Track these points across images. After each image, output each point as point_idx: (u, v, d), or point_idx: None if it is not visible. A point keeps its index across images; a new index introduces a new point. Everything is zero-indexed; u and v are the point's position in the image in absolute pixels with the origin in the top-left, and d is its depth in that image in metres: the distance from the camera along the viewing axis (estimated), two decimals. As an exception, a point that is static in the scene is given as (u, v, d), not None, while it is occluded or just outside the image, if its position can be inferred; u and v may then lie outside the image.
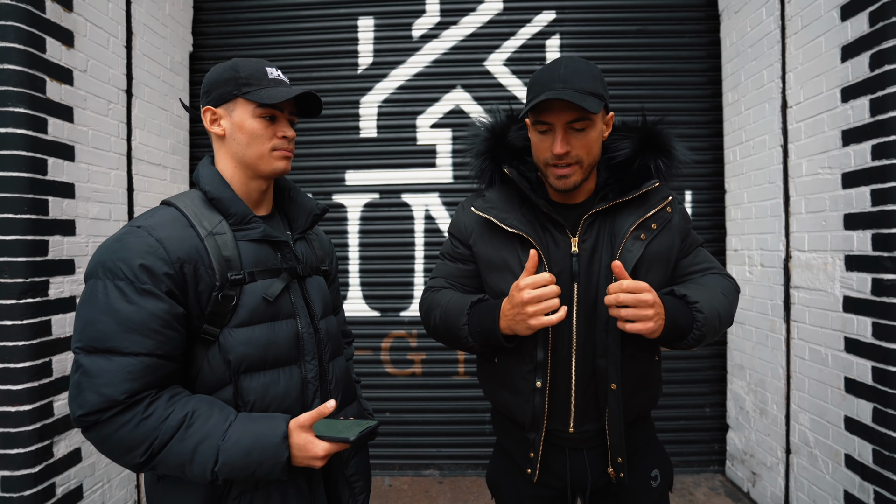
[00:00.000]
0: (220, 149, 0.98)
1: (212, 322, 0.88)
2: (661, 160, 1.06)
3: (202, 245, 0.87)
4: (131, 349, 0.80)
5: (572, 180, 1.00)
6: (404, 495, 2.64)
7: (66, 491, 1.91)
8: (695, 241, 1.15)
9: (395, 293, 2.93)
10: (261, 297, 0.91)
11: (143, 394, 0.80)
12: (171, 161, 2.71)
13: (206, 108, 0.96)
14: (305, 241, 1.09)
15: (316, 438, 0.83)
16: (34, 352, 1.78)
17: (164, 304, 0.82)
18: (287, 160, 0.98)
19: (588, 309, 1.04)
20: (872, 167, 1.78)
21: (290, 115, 0.98)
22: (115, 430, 0.79)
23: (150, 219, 0.87)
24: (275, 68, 0.97)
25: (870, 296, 1.80)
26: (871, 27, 1.77)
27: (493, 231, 1.09)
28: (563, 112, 0.95)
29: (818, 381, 2.09)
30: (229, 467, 0.80)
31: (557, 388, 1.07)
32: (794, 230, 2.24)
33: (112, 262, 0.82)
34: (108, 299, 0.81)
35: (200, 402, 0.84)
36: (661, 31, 2.87)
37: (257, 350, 0.89)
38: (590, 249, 1.05)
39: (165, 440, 0.79)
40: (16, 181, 1.75)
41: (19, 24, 1.75)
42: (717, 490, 2.68)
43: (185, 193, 0.96)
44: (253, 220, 0.94)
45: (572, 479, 1.10)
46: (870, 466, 1.79)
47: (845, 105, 1.91)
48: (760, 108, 2.46)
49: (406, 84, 2.93)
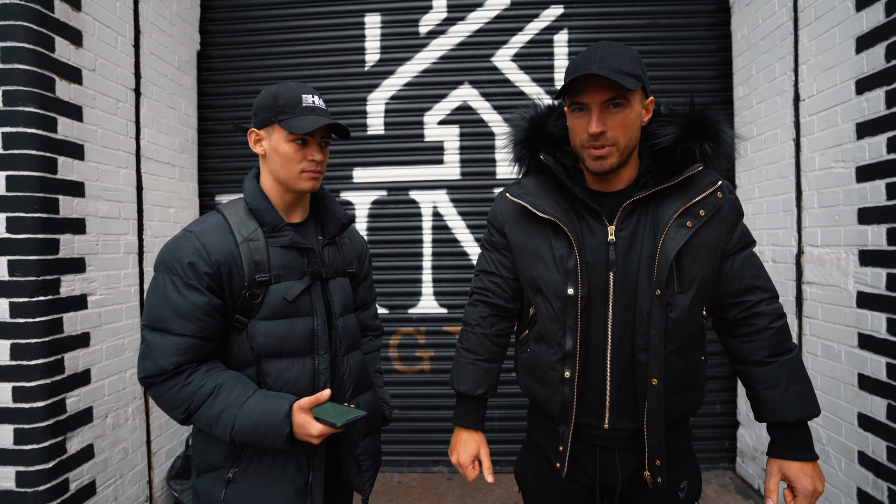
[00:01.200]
0: (263, 165, 1.14)
1: (242, 313, 1.05)
2: (707, 144, 1.00)
3: (237, 250, 1.04)
4: (179, 331, 0.99)
5: (609, 162, 0.96)
6: (413, 492, 2.65)
7: (79, 486, 1.93)
8: (745, 240, 1.07)
9: (403, 290, 2.93)
10: (282, 296, 1.05)
11: (186, 366, 1.00)
12: (179, 159, 2.72)
13: (251, 130, 1.12)
14: (335, 245, 1.23)
15: (314, 419, 0.98)
16: (47, 349, 1.80)
17: (204, 297, 1.00)
18: (315, 181, 1.11)
19: (626, 300, 1.00)
20: (888, 160, 1.75)
21: (321, 139, 1.11)
22: (164, 392, 1.00)
23: (200, 224, 1.06)
24: (311, 95, 1.10)
25: (885, 291, 1.77)
26: (887, 17, 1.74)
27: (527, 217, 1.08)
28: (599, 91, 0.93)
29: (831, 377, 2.07)
30: (242, 433, 0.98)
31: (591, 381, 1.04)
32: (807, 225, 2.21)
33: (169, 260, 1.02)
34: (166, 290, 1.01)
35: (229, 377, 1.02)
36: (671, 25, 2.83)
37: (275, 341, 1.05)
38: (628, 238, 1.00)
39: (199, 404, 0.99)
40: (27, 180, 1.76)
41: (28, 24, 1.75)
42: (728, 487, 2.66)
43: (234, 202, 1.13)
44: (284, 228, 1.09)
45: (601, 478, 1.07)
46: (884, 464, 1.77)
47: (860, 97, 1.87)
48: (772, 101, 2.42)
49: (413, 81, 2.92)
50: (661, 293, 0.96)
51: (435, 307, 2.92)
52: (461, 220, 2.92)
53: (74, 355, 1.93)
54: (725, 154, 1.02)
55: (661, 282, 0.95)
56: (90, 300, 2.02)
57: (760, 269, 1.08)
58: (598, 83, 0.92)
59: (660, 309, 0.96)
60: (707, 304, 1.04)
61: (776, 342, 1.04)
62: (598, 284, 1.01)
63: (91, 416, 2.01)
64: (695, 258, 0.98)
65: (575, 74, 0.92)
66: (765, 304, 1.05)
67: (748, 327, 1.05)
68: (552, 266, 1.03)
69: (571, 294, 1.00)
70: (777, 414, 1.01)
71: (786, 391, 1.01)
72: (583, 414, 1.06)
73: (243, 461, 1.07)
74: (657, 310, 0.96)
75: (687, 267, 0.97)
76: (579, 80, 0.93)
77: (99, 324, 2.07)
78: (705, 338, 1.07)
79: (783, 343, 1.04)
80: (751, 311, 1.05)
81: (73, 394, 1.92)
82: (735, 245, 1.05)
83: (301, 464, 1.08)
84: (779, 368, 1.02)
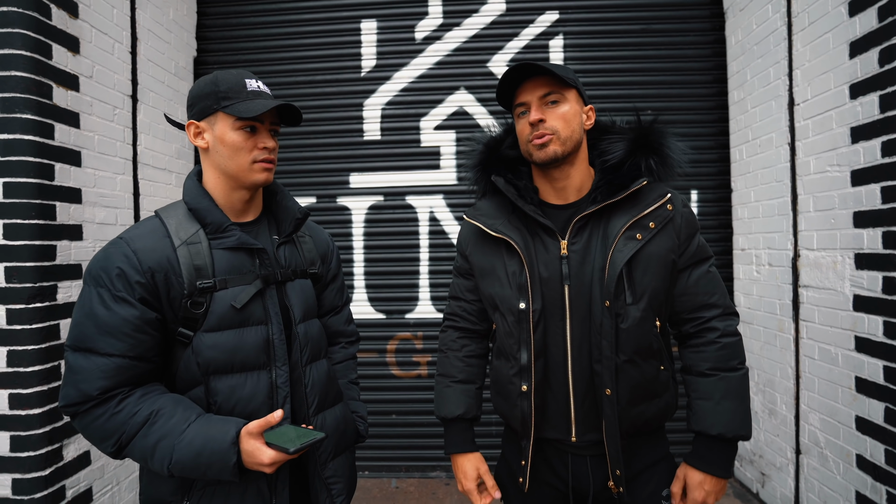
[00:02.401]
0: (206, 160, 1.02)
1: (186, 326, 0.94)
2: (652, 159, 1.05)
3: (174, 255, 0.93)
4: (106, 350, 0.88)
5: (552, 149, 1.01)
6: (411, 497, 2.64)
7: (76, 493, 1.92)
8: (701, 254, 1.08)
9: (400, 295, 2.93)
10: (229, 304, 0.94)
11: (116, 391, 0.88)
12: (176, 165, 2.72)
13: (190, 121, 1.00)
14: (293, 243, 1.12)
15: (264, 446, 0.87)
16: (43, 356, 1.79)
17: (135, 311, 0.89)
18: (268, 171, 1.00)
19: (582, 312, 1.03)
20: (883, 164, 1.75)
21: (271, 126, 1.00)
22: (91, 422, 0.88)
23: (133, 230, 0.95)
24: (255, 80, 1.00)
25: (881, 294, 1.77)
26: (880, 22, 1.75)
27: (484, 238, 1.13)
28: (536, 89, 1.02)
29: (828, 380, 2.07)
30: (181, 466, 0.86)
31: (554, 394, 1.06)
32: (803, 229, 2.22)
33: (96, 271, 0.91)
34: (91, 304, 0.89)
35: (167, 402, 0.90)
36: (666, 30, 2.85)
37: (224, 354, 0.94)
38: (581, 252, 1.04)
39: (132, 434, 0.88)
40: (24, 187, 1.76)
41: (26, 32, 1.76)
42: (727, 491, 2.65)
43: (173, 204, 1.01)
44: (230, 228, 0.98)
45: (574, 483, 1.08)
46: (882, 467, 1.76)
47: (854, 102, 1.89)
48: (767, 105, 2.43)
49: (409, 86, 2.93)
50: (611, 304, 0.98)
51: (432, 312, 2.92)
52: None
53: (71, 362, 1.93)
54: (672, 167, 1.06)
55: (610, 293, 0.98)
56: (87, 306, 2.02)
57: (717, 285, 1.09)
58: (535, 82, 1.02)
59: (610, 320, 0.99)
60: (662, 316, 1.06)
61: (721, 357, 1.06)
62: (554, 298, 1.04)
63: (87, 423, 2.01)
64: (646, 269, 1.01)
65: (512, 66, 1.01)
66: (717, 321, 1.08)
67: (698, 339, 1.09)
68: (505, 282, 1.07)
69: (523, 308, 1.03)
70: (701, 424, 1.05)
71: (717, 405, 1.03)
72: (549, 428, 1.07)
73: (195, 493, 0.94)
74: (607, 321, 0.99)
75: (638, 278, 1.00)
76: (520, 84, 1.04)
77: (95, 330, 2.07)
78: (667, 348, 1.08)
79: (729, 360, 1.06)
80: (702, 326, 1.08)
81: (70, 401, 1.91)
82: (690, 258, 1.07)
83: (262, 491, 0.96)
84: (717, 382, 1.05)
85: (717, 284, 1.09)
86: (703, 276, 1.08)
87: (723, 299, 1.09)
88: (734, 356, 1.07)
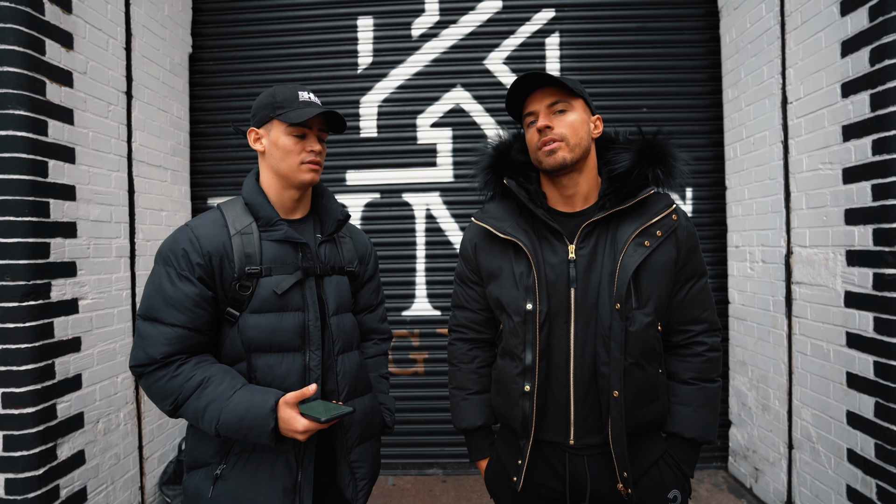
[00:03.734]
0: (262, 163, 1.16)
1: (233, 306, 1.07)
2: (659, 169, 1.09)
3: (229, 242, 1.06)
4: (170, 320, 1.01)
5: (561, 155, 1.04)
6: (408, 494, 2.65)
7: (70, 493, 1.91)
8: (698, 270, 1.13)
9: (396, 293, 2.93)
10: (272, 289, 1.06)
11: (176, 357, 1.02)
12: (171, 162, 2.71)
13: (251, 129, 1.15)
14: (333, 242, 1.23)
15: (299, 415, 0.98)
16: (37, 354, 1.78)
17: (195, 288, 1.03)
18: (315, 172, 1.13)
19: (587, 315, 1.05)
20: (873, 162, 1.78)
21: (319, 132, 1.13)
22: (153, 382, 1.02)
23: (198, 220, 1.10)
24: (307, 92, 1.13)
25: (871, 291, 1.80)
26: (870, 22, 1.77)
27: (491, 240, 1.15)
28: (544, 98, 1.06)
29: (820, 376, 2.09)
30: (227, 427, 0.98)
31: (555, 395, 1.08)
32: (795, 226, 2.24)
33: (165, 252, 1.05)
34: (160, 280, 1.03)
35: (218, 370, 1.03)
36: (661, 29, 2.87)
37: (263, 335, 1.06)
38: (588, 256, 1.07)
39: (186, 396, 1.00)
40: (17, 184, 1.75)
41: (18, 27, 1.74)
42: (720, 486, 2.68)
43: (233, 199, 1.16)
44: (278, 222, 1.10)
45: (572, 482, 1.09)
46: (872, 461, 1.79)
47: (846, 100, 1.91)
48: (761, 104, 2.46)
49: (406, 83, 2.93)
50: (621, 307, 1.02)
51: (429, 309, 2.92)
52: (454, 222, 2.93)
53: (65, 360, 1.92)
54: (676, 177, 1.11)
55: (621, 296, 1.02)
56: (81, 304, 2.01)
57: (709, 301, 1.17)
58: (543, 92, 1.07)
59: (620, 323, 1.02)
60: (662, 322, 1.11)
61: (704, 370, 1.14)
62: (560, 301, 1.06)
63: (82, 422, 1.99)
64: (651, 276, 1.05)
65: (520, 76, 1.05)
66: (705, 336, 1.15)
67: (686, 350, 1.16)
68: (512, 283, 1.09)
69: (530, 309, 1.05)
70: (678, 426, 1.12)
71: (694, 411, 1.12)
72: (548, 430, 1.09)
73: (231, 458, 1.07)
74: (617, 323, 1.02)
75: (644, 284, 1.04)
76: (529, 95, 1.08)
77: (90, 328, 2.05)
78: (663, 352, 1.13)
79: (710, 373, 1.15)
80: (692, 339, 1.15)
81: (64, 399, 1.90)
82: (689, 273, 1.12)
83: (290, 462, 1.07)
84: (697, 391, 1.13)
85: (709, 300, 1.16)
86: (700, 291, 1.14)
87: (712, 315, 1.17)
88: (714, 370, 1.15)
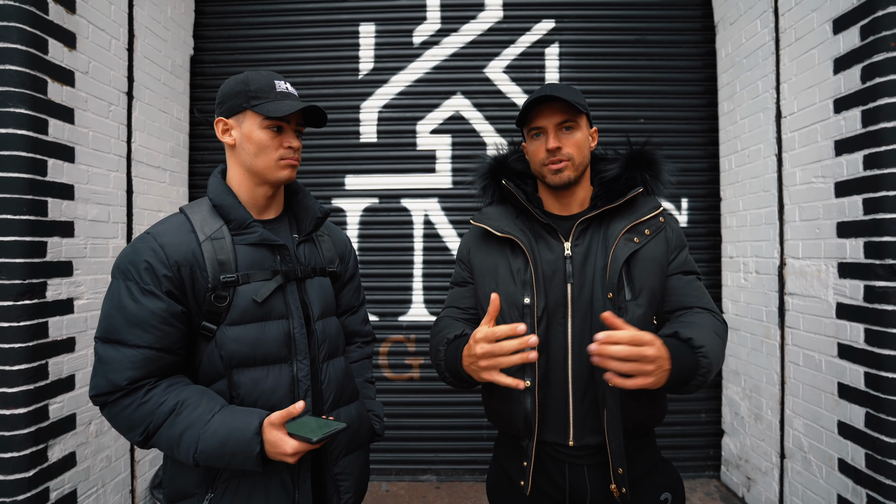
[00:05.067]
0: (231, 157, 1.05)
1: (209, 319, 0.96)
2: (646, 173, 1.14)
3: (199, 249, 0.95)
4: (134, 342, 0.90)
5: (566, 174, 1.09)
6: (401, 500, 2.63)
7: (60, 495, 1.89)
8: (689, 266, 1.14)
9: (393, 298, 2.93)
10: (251, 298, 0.97)
11: (143, 381, 0.91)
12: (170, 164, 2.70)
13: (219, 118, 1.03)
14: (312, 242, 1.14)
15: (287, 436, 0.88)
16: (31, 354, 1.76)
17: (162, 304, 0.92)
18: (292, 168, 1.03)
19: (584, 309, 1.07)
20: (864, 177, 1.82)
21: (296, 126, 1.04)
22: (119, 411, 0.91)
23: (159, 225, 0.98)
24: (283, 81, 1.03)
25: (862, 302, 1.83)
26: (862, 41, 1.82)
27: (487, 240, 1.18)
28: (553, 115, 1.08)
29: (812, 386, 2.12)
30: (206, 455, 0.88)
31: (554, 394, 1.08)
32: (789, 238, 2.28)
33: (124, 265, 0.93)
34: (120, 297, 0.92)
35: (192, 392, 0.92)
36: (659, 42, 2.92)
37: (246, 347, 0.96)
38: (583, 253, 1.10)
39: (158, 424, 0.90)
40: (15, 182, 1.74)
41: (22, 26, 1.75)
42: (713, 495, 2.69)
43: (197, 202, 1.04)
44: (252, 224, 1.00)
45: (571, 492, 1.09)
46: (863, 470, 1.81)
47: (838, 116, 1.95)
48: (755, 117, 2.50)
49: (406, 90, 2.95)
50: (614, 297, 1.04)
51: (425, 315, 2.92)
52: (452, 228, 2.95)
53: (59, 360, 1.90)
54: (664, 181, 1.15)
55: (613, 286, 1.04)
56: (77, 304, 1.99)
57: (704, 293, 1.12)
58: (552, 108, 1.08)
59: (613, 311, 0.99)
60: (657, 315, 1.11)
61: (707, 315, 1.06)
62: (557, 296, 1.08)
63: (74, 423, 1.97)
64: (643, 268, 1.07)
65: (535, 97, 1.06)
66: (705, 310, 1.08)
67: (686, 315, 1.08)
68: (509, 279, 1.10)
69: (528, 303, 1.06)
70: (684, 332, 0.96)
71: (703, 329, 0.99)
72: (548, 430, 1.09)
73: (220, 486, 0.95)
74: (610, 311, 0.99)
75: (637, 275, 1.06)
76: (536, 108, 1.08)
77: (85, 328, 2.04)
78: None
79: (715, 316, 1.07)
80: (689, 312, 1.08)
81: (57, 400, 1.88)
82: (679, 267, 1.13)
83: (285, 482, 0.98)
84: (708, 316, 1.05)
85: (704, 293, 1.15)
86: (691, 282, 1.13)
87: (710, 304, 1.11)
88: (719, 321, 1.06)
